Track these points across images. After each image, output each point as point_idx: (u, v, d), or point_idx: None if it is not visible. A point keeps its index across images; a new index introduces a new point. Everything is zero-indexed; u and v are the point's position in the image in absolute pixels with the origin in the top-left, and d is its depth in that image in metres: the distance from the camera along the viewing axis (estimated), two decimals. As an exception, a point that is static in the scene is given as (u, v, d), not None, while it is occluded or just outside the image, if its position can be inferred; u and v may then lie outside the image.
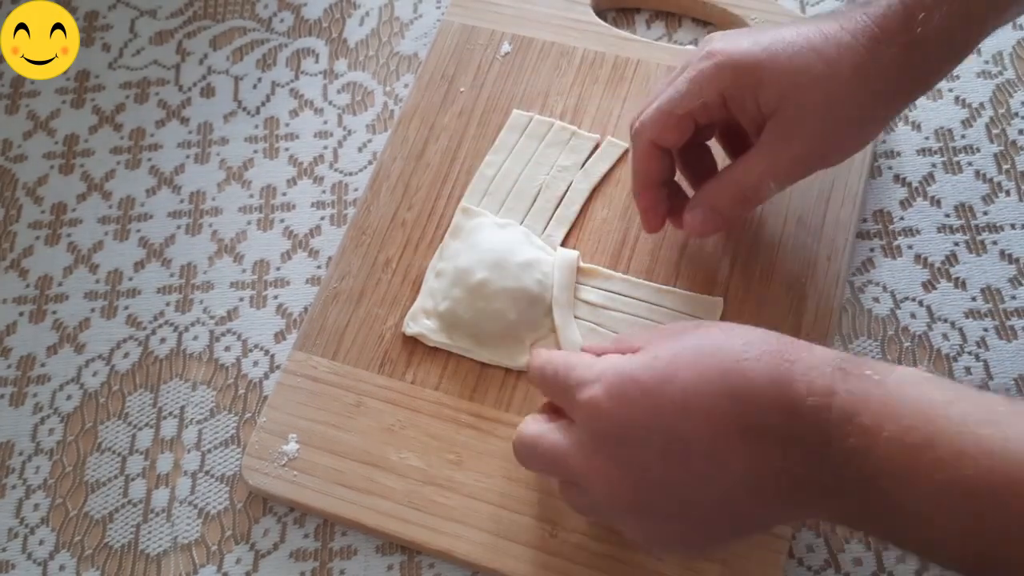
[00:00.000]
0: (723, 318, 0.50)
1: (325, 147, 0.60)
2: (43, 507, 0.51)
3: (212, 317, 0.55)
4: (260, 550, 0.49)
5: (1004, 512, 0.31)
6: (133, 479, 0.51)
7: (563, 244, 0.53)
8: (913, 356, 0.50)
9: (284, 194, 0.59)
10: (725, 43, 0.43)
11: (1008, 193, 0.54)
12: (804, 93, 0.41)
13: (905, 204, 0.55)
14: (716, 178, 0.46)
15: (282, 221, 0.58)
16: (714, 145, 0.50)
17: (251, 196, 0.59)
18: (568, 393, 0.40)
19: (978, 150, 0.56)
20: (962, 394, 0.34)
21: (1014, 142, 0.56)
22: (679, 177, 0.49)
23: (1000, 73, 0.58)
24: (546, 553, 0.45)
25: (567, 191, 0.54)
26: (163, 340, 0.55)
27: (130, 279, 0.57)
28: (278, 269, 0.56)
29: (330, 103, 0.61)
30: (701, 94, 0.43)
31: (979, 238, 0.53)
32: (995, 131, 0.56)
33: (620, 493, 0.38)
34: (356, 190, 0.58)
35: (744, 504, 0.37)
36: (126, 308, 0.56)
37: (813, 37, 0.42)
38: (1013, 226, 0.53)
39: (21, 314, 0.56)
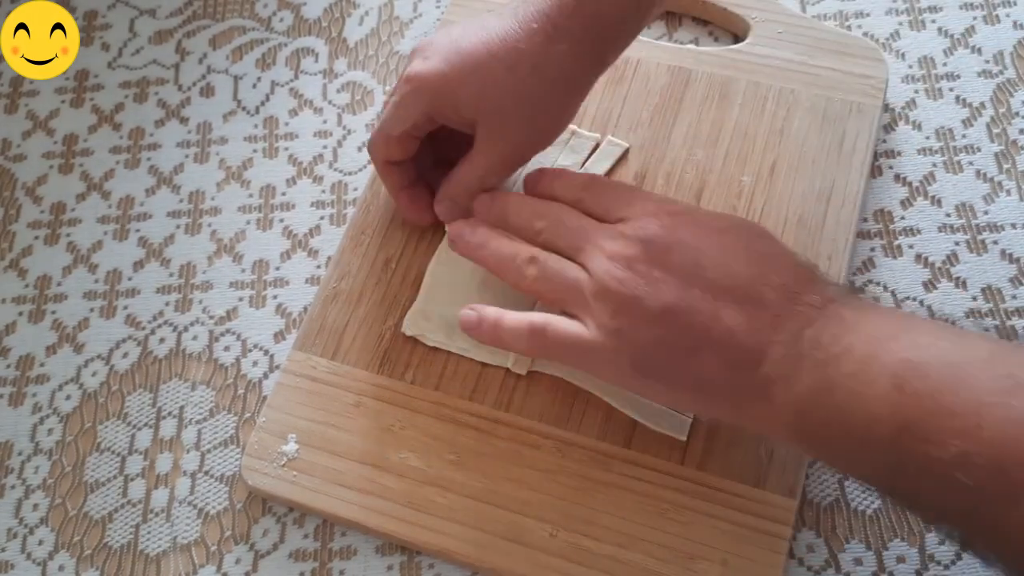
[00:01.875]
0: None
1: (325, 146, 0.60)
2: (42, 507, 0.51)
3: (211, 317, 0.55)
4: (260, 550, 0.49)
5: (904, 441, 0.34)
6: (132, 479, 0.51)
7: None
8: (914, 356, 0.50)
9: (284, 194, 0.59)
10: (421, 65, 0.47)
11: (1009, 193, 0.54)
12: (495, 102, 0.46)
13: (906, 204, 0.55)
14: (450, 176, 0.50)
15: (281, 221, 0.58)
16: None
17: (250, 196, 0.59)
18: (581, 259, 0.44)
19: (979, 150, 0.56)
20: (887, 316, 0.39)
21: (1015, 141, 0.56)
22: None
23: (1001, 72, 0.58)
24: (546, 553, 0.45)
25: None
26: (162, 340, 0.55)
27: (129, 279, 0.57)
28: (277, 269, 0.56)
29: (330, 102, 0.61)
30: (408, 118, 0.48)
31: (980, 238, 0.53)
32: (996, 130, 0.56)
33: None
34: (356, 190, 0.58)
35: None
36: (125, 308, 0.56)
37: (494, 45, 0.45)
38: (1014, 226, 0.53)
39: (20, 314, 0.56)
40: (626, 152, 0.55)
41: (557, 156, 0.55)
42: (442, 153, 0.52)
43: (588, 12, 0.44)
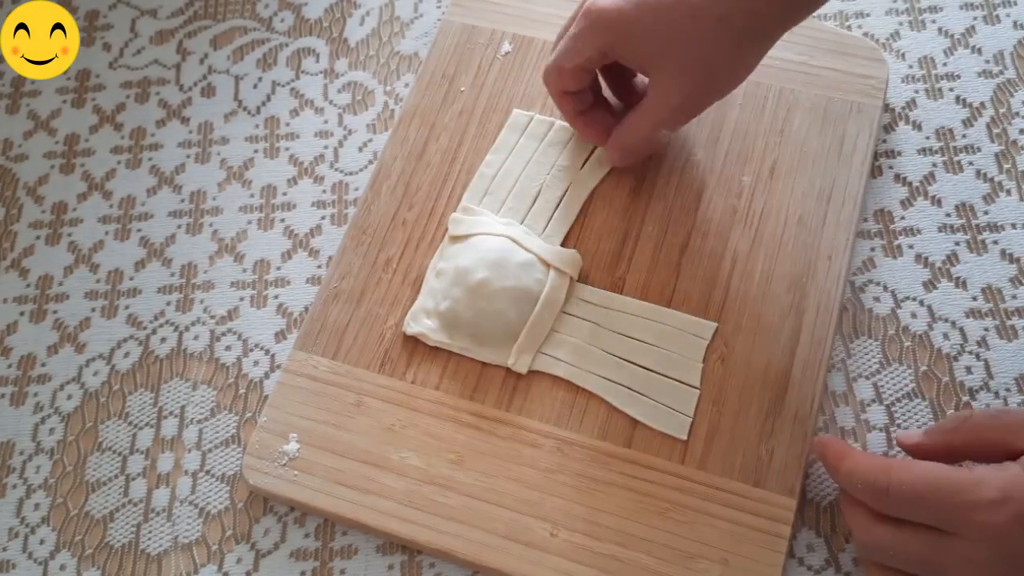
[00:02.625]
0: (724, 316, 0.50)
1: (325, 147, 0.60)
2: (44, 506, 0.51)
3: (213, 317, 0.55)
4: (261, 550, 0.49)
5: None
6: (134, 479, 0.51)
7: (563, 244, 0.53)
8: (914, 356, 0.50)
9: (284, 194, 0.59)
10: (607, 3, 0.46)
11: (1009, 192, 0.54)
12: (675, 47, 0.45)
13: (906, 204, 0.55)
14: (621, 124, 0.50)
15: (282, 221, 0.58)
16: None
17: (252, 196, 0.59)
18: (954, 511, 0.39)
19: (979, 149, 0.56)
20: None
21: (1015, 141, 0.56)
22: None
23: (1001, 72, 0.58)
24: (546, 552, 0.45)
25: (567, 191, 0.54)
26: (164, 340, 0.55)
27: (131, 279, 0.57)
28: (278, 269, 0.56)
29: (330, 103, 0.61)
30: (583, 52, 0.47)
31: (980, 238, 0.53)
32: (996, 130, 0.56)
33: None
34: (356, 190, 0.58)
35: None
36: (127, 308, 0.56)
37: None
38: (1014, 225, 0.53)
39: (22, 314, 0.56)
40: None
41: (557, 156, 0.55)
42: (619, 87, 0.52)
43: None
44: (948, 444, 0.43)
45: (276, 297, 0.55)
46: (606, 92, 0.54)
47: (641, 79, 0.53)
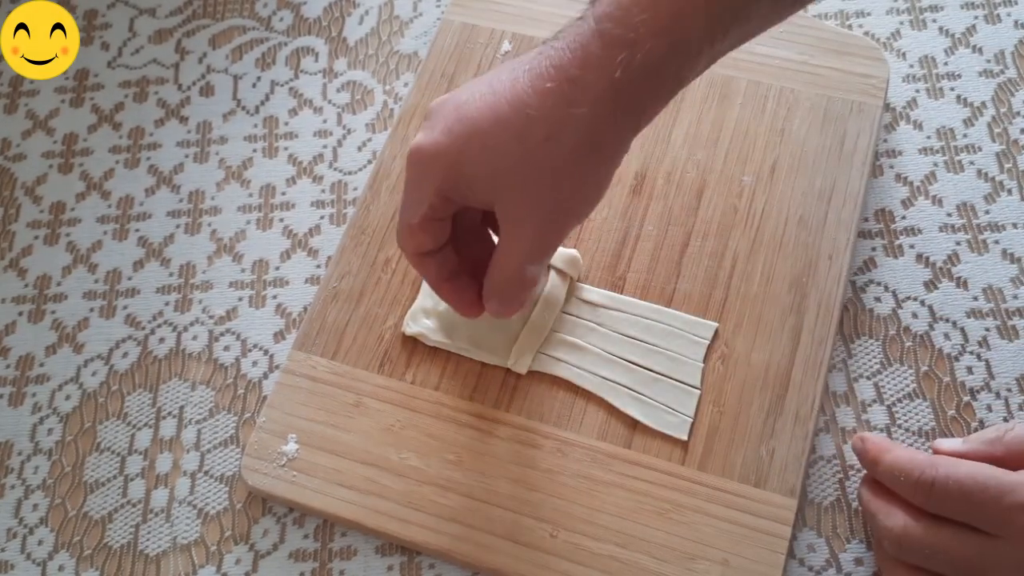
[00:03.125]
0: (725, 315, 0.50)
1: (325, 146, 0.60)
2: (42, 507, 0.51)
3: (211, 317, 0.55)
4: (259, 550, 0.49)
5: None
6: (132, 479, 0.51)
7: (563, 244, 0.53)
8: (915, 356, 0.50)
9: (283, 193, 0.59)
10: (423, 137, 0.41)
11: (1010, 192, 0.54)
12: (508, 178, 0.39)
13: (907, 203, 0.54)
14: (489, 271, 0.44)
15: (281, 220, 0.58)
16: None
17: (250, 195, 0.59)
18: (1000, 513, 0.39)
19: (980, 149, 0.56)
20: None
21: (1016, 141, 0.55)
22: None
23: (1002, 72, 0.58)
24: (546, 553, 0.45)
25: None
26: (162, 340, 0.55)
27: (129, 279, 0.57)
28: (277, 269, 0.56)
29: (329, 102, 0.61)
30: (423, 201, 0.41)
31: (981, 237, 0.53)
32: (997, 130, 0.56)
33: None
34: (356, 189, 0.58)
35: None
36: (125, 308, 0.56)
37: (502, 110, 0.38)
38: (1015, 225, 0.53)
39: (20, 314, 0.56)
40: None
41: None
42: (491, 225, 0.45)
43: (617, 62, 0.36)
44: (988, 455, 0.42)
45: (275, 297, 0.55)
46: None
47: None
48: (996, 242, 0.53)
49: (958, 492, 0.40)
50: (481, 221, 0.46)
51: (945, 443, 0.45)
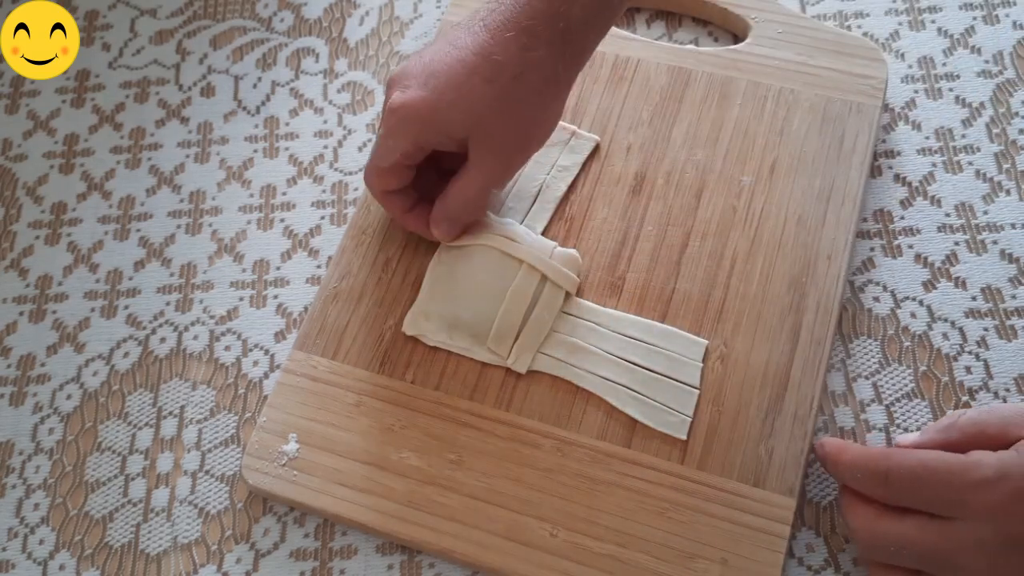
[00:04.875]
0: (724, 315, 0.50)
1: (325, 146, 0.60)
2: (43, 507, 0.51)
3: (212, 317, 0.55)
4: (260, 550, 0.49)
5: None
6: (133, 479, 0.51)
7: (563, 244, 0.53)
8: (913, 356, 0.50)
9: (284, 193, 0.59)
10: (402, 95, 0.47)
11: (1008, 192, 0.54)
12: (481, 116, 0.46)
13: (905, 203, 0.55)
14: (445, 192, 0.50)
15: (282, 221, 0.58)
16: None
17: (251, 196, 0.59)
18: (953, 494, 0.40)
19: (978, 149, 0.56)
20: None
21: (1014, 141, 0.56)
22: None
23: (1000, 72, 0.58)
24: (546, 553, 0.45)
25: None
26: (163, 340, 0.55)
27: (130, 279, 0.57)
28: (278, 269, 0.56)
29: (330, 102, 0.61)
30: (397, 148, 0.48)
31: (979, 238, 0.53)
32: (995, 130, 0.56)
33: None
34: (356, 189, 0.58)
35: None
36: (126, 308, 0.56)
37: (470, 61, 0.45)
38: (1013, 225, 0.53)
39: (21, 314, 0.56)
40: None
41: (557, 156, 0.55)
42: (444, 165, 0.51)
43: (559, 14, 0.45)
44: (944, 442, 0.43)
45: (276, 297, 0.55)
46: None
47: None
48: (995, 242, 0.53)
49: (910, 479, 0.41)
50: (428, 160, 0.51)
51: (905, 437, 0.45)
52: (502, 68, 0.45)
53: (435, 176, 0.51)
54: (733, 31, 0.60)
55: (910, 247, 0.53)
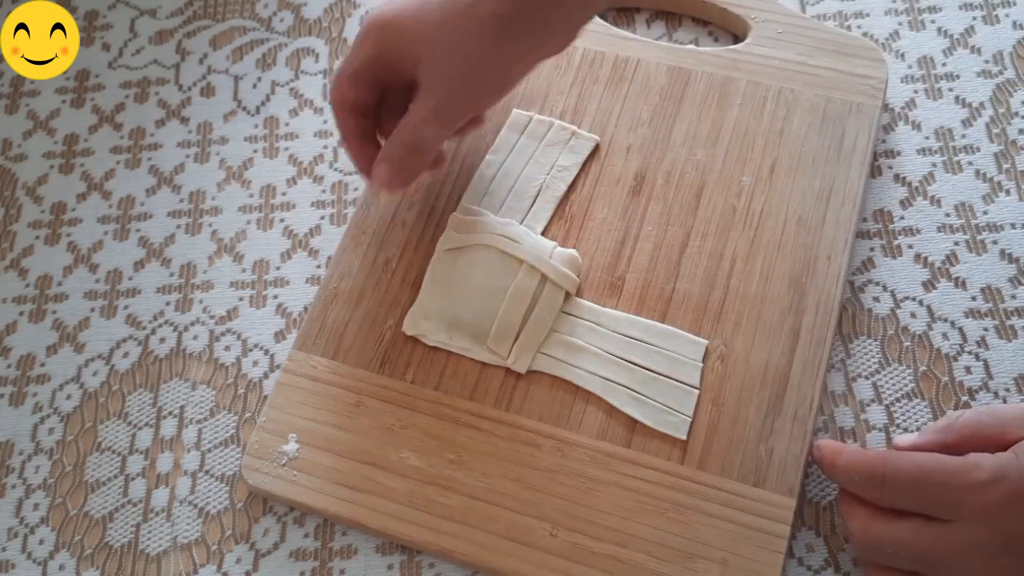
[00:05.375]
0: (724, 315, 0.50)
1: (325, 146, 0.60)
2: (43, 507, 0.51)
3: (212, 317, 0.55)
4: (260, 550, 0.49)
5: None
6: (133, 479, 0.51)
7: (563, 244, 0.53)
8: (913, 356, 0.50)
9: (284, 193, 0.59)
10: (382, 9, 0.47)
11: (1008, 192, 0.54)
12: (434, 51, 0.46)
13: (905, 203, 0.55)
14: (391, 135, 0.49)
15: (282, 221, 0.58)
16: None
17: (251, 196, 0.59)
18: (949, 497, 0.40)
19: (978, 149, 0.56)
20: None
21: (1014, 141, 0.56)
22: None
23: (1000, 72, 0.58)
24: (546, 552, 0.45)
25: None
26: (163, 340, 0.55)
27: (130, 279, 0.57)
28: (278, 269, 0.56)
29: (330, 103, 0.61)
30: (359, 55, 0.48)
31: (979, 238, 0.53)
32: (995, 130, 0.56)
33: None
34: (356, 189, 0.58)
35: None
36: (126, 308, 0.56)
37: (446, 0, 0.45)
38: (1013, 225, 0.53)
39: (21, 314, 0.56)
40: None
41: (557, 156, 0.55)
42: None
43: None
44: (941, 443, 0.43)
45: (275, 297, 0.55)
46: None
47: None
48: (994, 242, 0.53)
49: (907, 482, 0.41)
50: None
51: (903, 438, 0.45)
52: (468, 18, 0.45)
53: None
54: (733, 31, 0.60)
55: (910, 247, 0.53)
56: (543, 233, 0.53)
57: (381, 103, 0.50)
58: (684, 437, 0.47)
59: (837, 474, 0.44)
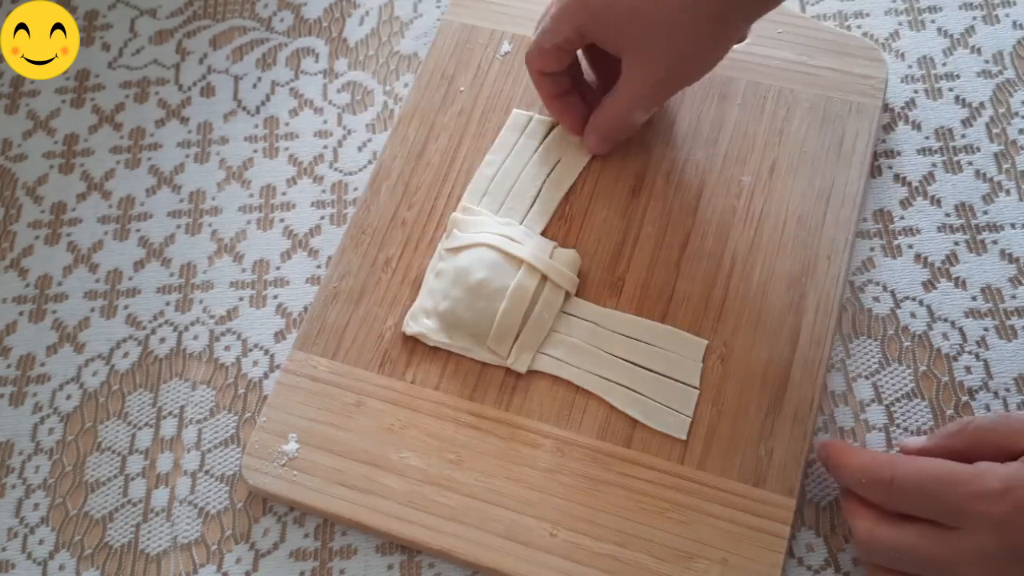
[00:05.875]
0: (724, 315, 0.50)
1: (325, 146, 0.60)
2: (43, 507, 0.51)
3: (212, 317, 0.55)
4: (260, 550, 0.49)
5: None
6: (133, 479, 0.51)
7: (563, 244, 0.53)
8: (913, 355, 0.50)
9: (284, 193, 0.59)
10: None
11: (1008, 192, 0.54)
12: (646, 32, 0.47)
13: (905, 203, 0.55)
14: (598, 108, 0.52)
15: (282, 220, 0.58)
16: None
17: (251, 195, 0.59)
18: (957, 504, 0.40)
19: (978, 149, 0.56)
20: None
21: (1014, 141, 0.56)
22: None
23: (1000, 72, 0.58)
24: (546, 552, 0.45)
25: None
26: (163, 340, 0.55)
27: (130, 279, 0.57)
28: (278, 269, 0.56)
29: (330, 102, 0.61)
30: (561, 32, 0.49)
31: (979, 237, 0.53)
32: (995, 130, 0.56)
33: None
34: (356, 189, 0.58)
35: None
36: (126, 308, 0.56)
37: None
38: (1013, 225, 0.53)
39: (21, 314, 0.56)
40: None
41: (557, 156, 0.55)
42: (601, 69, 0.53)
43: None
44: (950, 448, 0.43)
45: (275, 297, 0.55)
46: (588, 76, 0.55)
47: None
48: (994, 242, 0.53)
49: (915, 487, 0.41)
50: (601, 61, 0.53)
51: (911, 441, 0.45)
52: None
53: (601, 67, 0.54)
54: (733, 31, 0.60)
55: (910, 247, 0.53)
56: (543, 233, 0.53)
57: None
58: (684, 437, 0.47)
59: (844, 475, 0.44)
